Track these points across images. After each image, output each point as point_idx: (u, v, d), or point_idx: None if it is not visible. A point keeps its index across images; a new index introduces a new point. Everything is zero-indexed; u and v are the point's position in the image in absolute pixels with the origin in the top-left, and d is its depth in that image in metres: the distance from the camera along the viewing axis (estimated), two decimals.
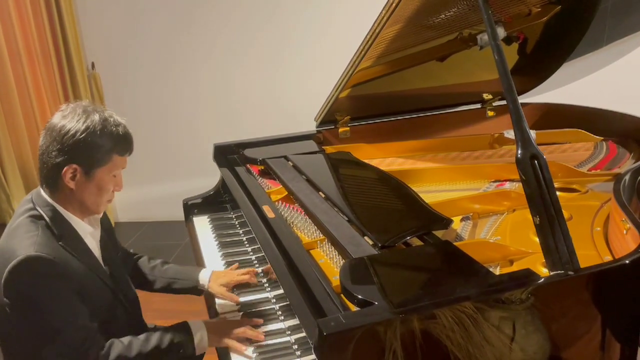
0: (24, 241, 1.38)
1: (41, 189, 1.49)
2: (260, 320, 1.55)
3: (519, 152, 1.23)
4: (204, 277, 1.75)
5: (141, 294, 1.77)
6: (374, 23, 1.83)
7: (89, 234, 1.53)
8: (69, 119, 1.42)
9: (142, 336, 1.48)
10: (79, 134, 1.40)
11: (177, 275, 1.78)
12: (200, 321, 1.54)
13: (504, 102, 2.56)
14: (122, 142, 1.47)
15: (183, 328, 1.52)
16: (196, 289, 1.76)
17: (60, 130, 1.41)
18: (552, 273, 1.18)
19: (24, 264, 1.34)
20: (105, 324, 1.48)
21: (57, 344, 1.37)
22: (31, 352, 1.44)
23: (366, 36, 1.90)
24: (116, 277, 1.61)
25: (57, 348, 1.37)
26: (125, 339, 1.46)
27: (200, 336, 1.50)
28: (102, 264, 1.57)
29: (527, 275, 1.16)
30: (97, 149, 1.43)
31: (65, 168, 1.42)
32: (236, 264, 1.86)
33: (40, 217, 1.44)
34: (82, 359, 1.38)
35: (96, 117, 1.43)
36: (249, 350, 1.45)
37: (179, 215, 2.39)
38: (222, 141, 2.38)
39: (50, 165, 1.43)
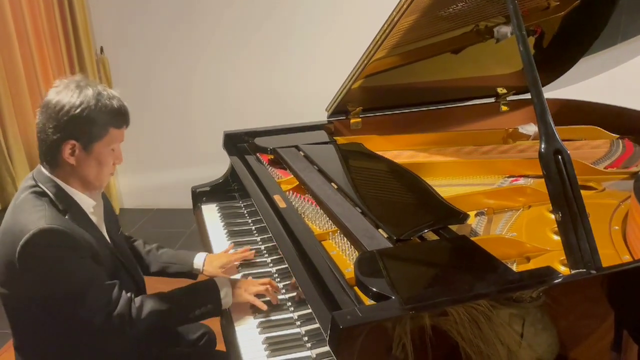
0: (32, 215, 1.39)
1: (42, 167, 1.49)
2: (279, 288, 1.59)
3: (543, 146, 1.20)
4: (198, 261, 1.78)
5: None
6: (393, 12, 1.80)
7: (93, 208, 1.53)
8: (63, 95, 1.42)
9: (172, 291, 1.52)
10: (73, 109, 1.40)
11: (172, 260, 1.81)
12: (225, 277, 1.57)
13: (517, 97, 2.54)
14: (117, 115, 1.47)
15: (210, 283, 1.54)
16: (191, 273, 1.79)
17: (55, 106, 1.41)
18: (573, 271, 1.15)
19: (36, 237, 1.35)
20: None
21: (87, 304, 1.39)
22: (43, 334, 1.46)
23: (383, 25, 1.86)
24: (122, 253, 1.63)
25: (88, 307, 1.39)
26: (156, 294, 1.49)
27: (225, 291, 1.52)
28: (107, 238, 1.59)
29: (548, 273, 1.14)
30: (93, 123, 1.43)
31: (63, 144, 1.42)
32: (231, 245, 1.88)
33: (43, 194, 1.45)
34: (116, 314, 1.40)
35: (89, 91, 1.43)
36: (258, 341, 1.44)
37: (185, 202, 2.37)
38: (230, 129, 2.36)
39: (48, 142, 1.43)
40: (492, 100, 2.54)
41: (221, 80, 4.06)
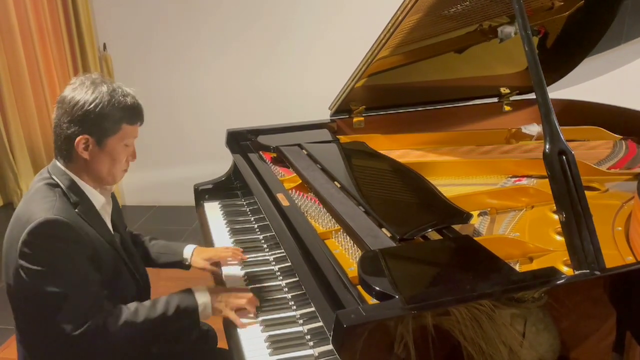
0: (42, 205, 1.41)
1: (56, 161, 1.52)
2: (257, 302, 1.55)
3: (547, 146, 1.20)
4: (187, 251, 1.81)
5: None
6: (397, 11, 1.80)
7: (102, 205, 1.55)
8: (78, 91, 1.46)
9: (147, 302, 1.49)
10: (87, 104, 1.44)
11: (163, 250, 1.83)
12: (205, 289, 1.54)
13: (520, 97, 2.53)
14: (130, 111, 1.50)
15: (187, 297, 1.52)
16: (182, 263, 1.81)
17: (70, 102, 1.45)
18: (577, 272, 1.15)
19: (42, 226, 1.36)
20: (114, 293, 1.50)
21: (63, 310, 1.37)
22: (40, 325, 1.44)
23: (387, 24, 1.86)
24: (127, 250, 1.64)
25: (64, 314, 1.37)
26: (132, 305, 1.47)
27: (204, 305, 1.51)
28: (113, 235, 1.59)
29: (551, 274, 1.14)
30: (106, 119, 1.45)
31: (77, 139, 1.45)
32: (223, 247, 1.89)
33: (56, 185, 1.47)
34: (88, 325, 1.38)
35: (104, 88, 1.47)
36: (261, 338, 1.44)
37: (187, 200, 2.37)
38: (233, 127, 2.36)
39: (63, 136, 1.47)
40: (495, 100, 2.54)
41: (224, 78, 4.06)
